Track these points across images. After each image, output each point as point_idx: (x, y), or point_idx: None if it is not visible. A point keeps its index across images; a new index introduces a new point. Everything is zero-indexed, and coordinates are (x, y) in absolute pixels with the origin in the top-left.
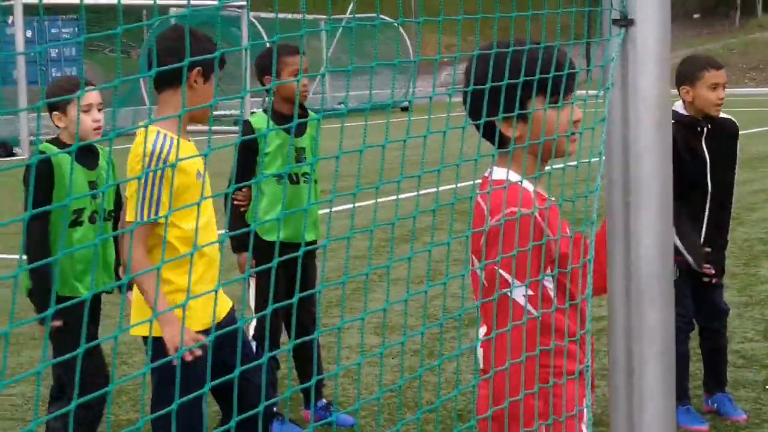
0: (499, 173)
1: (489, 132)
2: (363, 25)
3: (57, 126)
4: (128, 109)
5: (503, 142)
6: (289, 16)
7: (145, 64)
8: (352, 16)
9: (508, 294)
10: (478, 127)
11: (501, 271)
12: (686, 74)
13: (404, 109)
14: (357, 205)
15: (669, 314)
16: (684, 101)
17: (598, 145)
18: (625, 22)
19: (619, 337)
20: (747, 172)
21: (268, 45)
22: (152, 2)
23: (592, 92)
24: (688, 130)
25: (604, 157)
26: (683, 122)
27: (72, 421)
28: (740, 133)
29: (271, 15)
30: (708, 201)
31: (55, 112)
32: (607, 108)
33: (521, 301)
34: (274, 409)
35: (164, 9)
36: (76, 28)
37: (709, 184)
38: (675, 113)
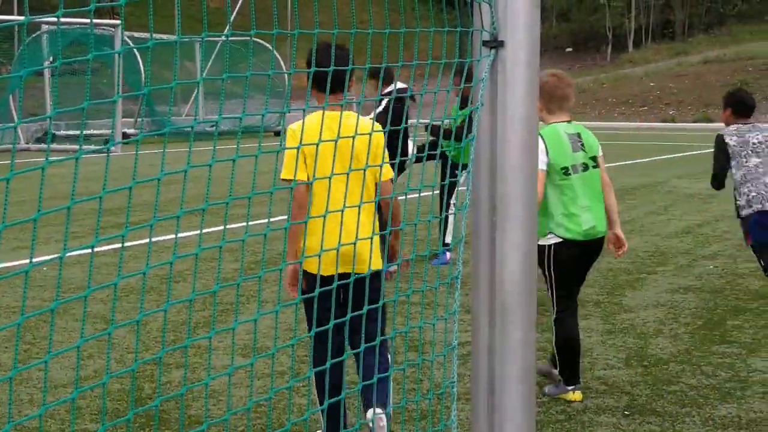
0: None
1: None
2: (237, 47)
3: None
4: None
5: None
6: (164, 36)
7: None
8: (227, 37)
9: None
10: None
11: None
12: None
13: (277, 134)
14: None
15: (531, 334)
16: None
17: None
18: (495, 43)
19: (482, 356)
20: None
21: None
22: (23, 19)
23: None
24: None
25: (472, 177)
26: None
27: None
28: (609, 165)
29: (144, 35)
30: None
31: None
32: (476, 128)
33: None
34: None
35: (36, 26)
36: None
37: None
38: None
